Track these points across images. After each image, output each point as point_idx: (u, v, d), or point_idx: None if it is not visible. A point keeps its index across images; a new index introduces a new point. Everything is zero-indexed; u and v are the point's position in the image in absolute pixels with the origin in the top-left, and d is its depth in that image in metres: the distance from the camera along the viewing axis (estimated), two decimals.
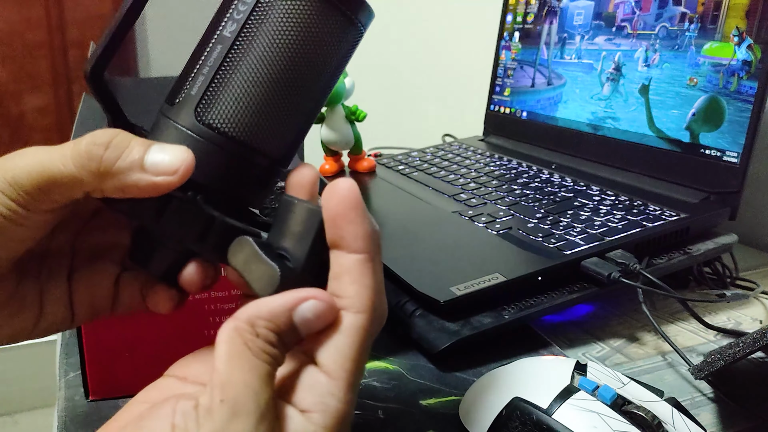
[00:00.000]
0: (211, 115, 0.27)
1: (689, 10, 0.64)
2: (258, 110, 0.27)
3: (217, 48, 0.27)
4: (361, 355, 0.25)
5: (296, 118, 0.28)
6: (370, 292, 0.25)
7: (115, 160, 0.25)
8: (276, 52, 0.27)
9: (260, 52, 0.27)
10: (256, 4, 0.26)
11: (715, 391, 0.42)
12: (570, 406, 0.32)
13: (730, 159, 0.59)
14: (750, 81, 0.57)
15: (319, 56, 0.27)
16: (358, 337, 0.25)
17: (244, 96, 0.27)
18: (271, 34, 0.26)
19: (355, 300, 0.25)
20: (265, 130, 0.27)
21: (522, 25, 0.86)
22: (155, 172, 0.25)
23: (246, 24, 0.27)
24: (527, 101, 0.85)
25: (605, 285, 0.48)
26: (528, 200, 0.63)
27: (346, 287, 0.25)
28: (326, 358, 0.24)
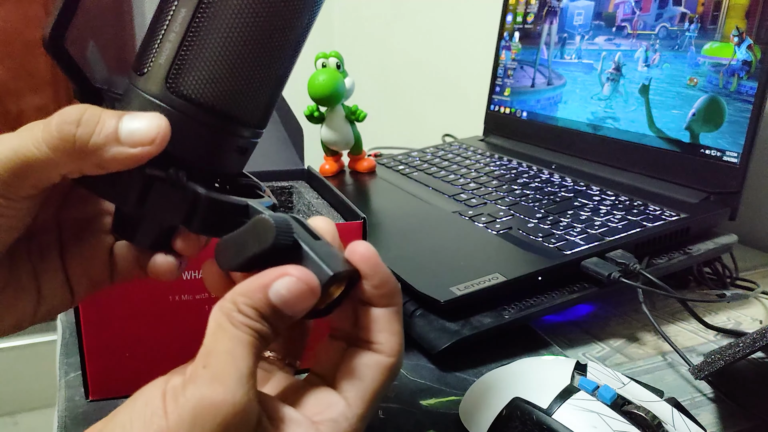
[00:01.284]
0: (183, 84, 0.25)
1: (689, 10, 0.64)
2: (231, 76, 0.26)
3: (181, 12, 0.25)
4: (380, 394, 0.26)
5: (269, 81, 0.27)
6: (399, 339, 0.27)
7: (89, 137, 0.24)
8: (244, 12, 0.25)
9: (228, 13, 0.25)
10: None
11: (715, 391, 0.42)
12: (570, 406, 0.32)
13: (730, 159, 0.59)
14: (750, 81, 0.57)
15: (288, 13, 0.26)
16: (384, 377, 0.26)
17: (215, 62, 0.25)
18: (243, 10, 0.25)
19: (386, 346, 0.26)
20: (240, 96, 0.26)
21: (522, 25, 0.86)
22: (132, 143, 0.24)
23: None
24: (527, 101, 0.85)
25: (605, 285, 0.48)
26: (528, 200, 0.63)
27: (377, 334, 0.27)
28: (350, 388, 0.26)
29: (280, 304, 0.24)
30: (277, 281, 0.24)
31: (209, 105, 0.26)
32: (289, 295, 0.24)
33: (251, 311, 0.24)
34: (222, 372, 0.23)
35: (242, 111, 0.27)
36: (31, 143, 0.24)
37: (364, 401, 0.26)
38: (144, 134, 0.24)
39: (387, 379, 0.26)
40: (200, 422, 0.22)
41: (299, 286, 0.24)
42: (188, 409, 0.22)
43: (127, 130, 0.24)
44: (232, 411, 0.22)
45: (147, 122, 0.24)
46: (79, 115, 0.24)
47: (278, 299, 0.24)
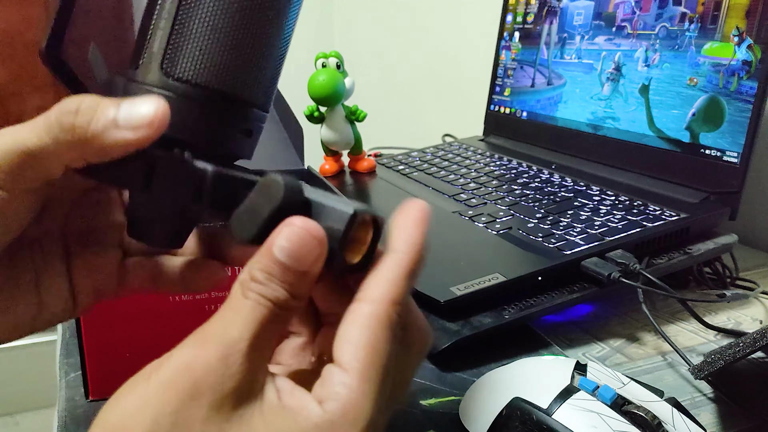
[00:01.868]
0: (178, 67, 0.25)
1: (689, 10, 0.64)
2: (224, 54, 0.25)
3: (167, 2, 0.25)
4: (373, 345, 0.23)
5: (266, 58, 0.27)
6: (385, 284, 0.24)
7: (88, 124, 0.24)
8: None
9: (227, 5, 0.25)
10: None
11: (715, 391, 0.42)
12: (570, 406, 0.32)
13: (730, 159, 0.59)
14: (750, 81, 0.57)
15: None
16: (369, 326, 0.23)
17: (207, 41, 0.25)
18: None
19: (367, 292, 0.24)
20: (236, 74, 0.26)
21: (522, 25, 0.86)
22: (130, 126, 0.24)
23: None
24: (527, 101, 0.85)
25: (605, 285, 0.48)
26: (528, 200, 0.63)
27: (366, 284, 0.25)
28: (338, 350, 0.24)
29: (286, 258, 0.23)
30: (277, 236, 0.23)
31: (206, 85, 0.25)
32: (290, 245, 0.23)
33: (261, 275, 0.23)
34: (209, 336, 0.23)
35: (241, 89, 0.26)
36: (32, 134, 0.24)
37: (357, 359, 0.23)
38: (142, 117, 0.24)
39: (374, 327, 0.23)
40: (177, 385, 0.22)
41: (299, 233, 0.23)
42: (168, 373, 0.22)
43: (125, 115, 0.24)
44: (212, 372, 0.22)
45: (144, 105, 0.24)
46: (78, 104, 0.24)
47: (282, 253, 0.23)
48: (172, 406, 0.22)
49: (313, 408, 0.23)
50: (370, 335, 0.23)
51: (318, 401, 0.23)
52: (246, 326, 0.23)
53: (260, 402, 0.23)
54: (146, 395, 0.22)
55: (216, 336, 0.23)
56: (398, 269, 0.25)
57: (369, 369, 0.23)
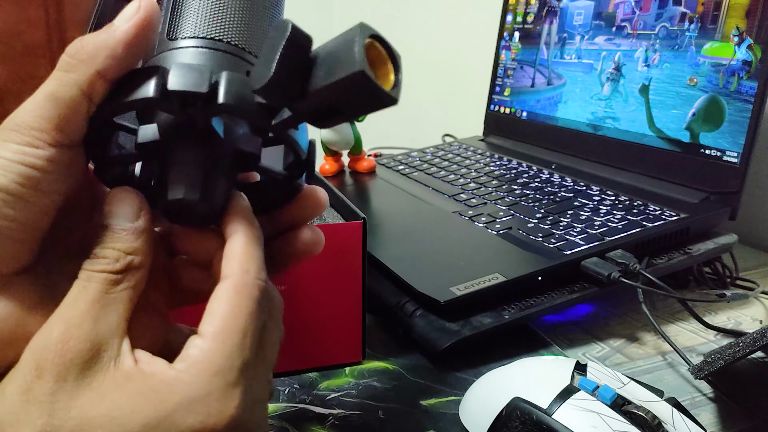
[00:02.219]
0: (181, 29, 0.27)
1: (689, 10, 0.64)
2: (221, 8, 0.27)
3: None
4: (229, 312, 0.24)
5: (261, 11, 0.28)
6: (234, 257, 0.26)
7: (92, 39, 0.25)
8: None
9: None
10: None
11: (715, 391, 0.42)
12: (570, 406, 0.32)
13: (730, 159, 0.59)
14: (750, 81, 0.57)
15: None
16: (225, 297, 0.25)
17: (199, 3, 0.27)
18: None
19: (224, 270, 0.25)
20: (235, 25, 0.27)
21: (522, 25, 0.86)
22: (125, 20, 0.25)
23: None
24: (527, 101, 0.85)
25: (605, 285, 0.48)
26: (528, 200, 0.63)
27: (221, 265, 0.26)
28: (203, 324, 0.25)
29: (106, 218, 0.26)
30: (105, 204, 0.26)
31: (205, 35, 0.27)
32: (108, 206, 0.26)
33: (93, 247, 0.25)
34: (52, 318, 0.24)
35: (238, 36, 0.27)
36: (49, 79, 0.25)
37: (213, 326, 0.24)
38: (131, 9, 0.25)
39: (233, 298, 0.24)
40: (23, 365, 0.23)
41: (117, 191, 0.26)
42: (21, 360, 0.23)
43: (118, 17, 0.25)
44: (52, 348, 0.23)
45: (130, 4, 0.25)
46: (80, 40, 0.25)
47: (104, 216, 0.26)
48: (21, 387, 0.23)
49: (165, 369, 0.24)
50: (226, 304, 0.24)
51: (171, 364, 0.24)
52: (83, 298, 0.24)
53: (113, 368, 0.24)
54: (3, 383, 0.24)
55: (58, 313, 0.24)
56: (241, 243, 0.26)
57: (222, 332, 0.24)
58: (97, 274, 0.25)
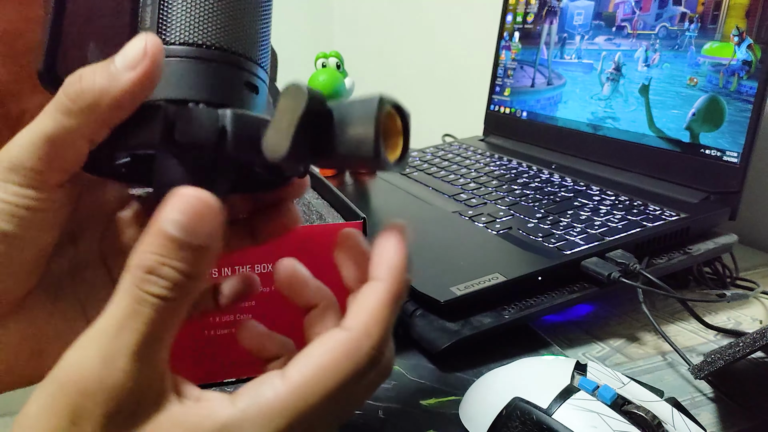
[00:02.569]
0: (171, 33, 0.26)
1: (689, 10, 0.64)
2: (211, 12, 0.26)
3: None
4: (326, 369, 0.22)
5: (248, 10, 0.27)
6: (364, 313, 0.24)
7: (93, 83, 0.23)
8: None
9: None
10: None
11: (715, 391, 0.42)
12: (570, 406, 0.32)
13: (730, 159, 0.59)
14: (750, 81, 0.57)
15: None
16: (333, 350, 0.23)
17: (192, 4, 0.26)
18: None
19: (347, 319, 0.24)
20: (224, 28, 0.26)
21: (522, 25, 0.86)
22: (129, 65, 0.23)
23: None
24: (527, 101, 0.85)
25: (605, 285, 0.48)
26: (528, 200, 0.63)
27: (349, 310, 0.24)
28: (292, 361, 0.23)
29: (177, 230, 0.21)
30: (165, 209, 0.21)
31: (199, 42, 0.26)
32: (183, 216, 0.21)
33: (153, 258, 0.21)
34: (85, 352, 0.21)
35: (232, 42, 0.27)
36: (47, 118, 0.23)
37: (302, 376, 0.22)
38: (136, 53, 0.23)
39: (339, 356, 0.22)
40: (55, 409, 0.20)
41: (191, 201, 0.21)
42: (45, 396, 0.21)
43: (121, 59, 0.23)
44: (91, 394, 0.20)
45: (134, 43, 0.23)
46: (78, 73, 0.24)
47: (175, 227, 0.21)
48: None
49: (222, 406, 0.22)
50: (332, 362, 0.22)
51: (232, 397, 0.22)
52: (132, 335, 0.21)
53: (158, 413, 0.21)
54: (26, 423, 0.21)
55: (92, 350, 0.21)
56: (380, 298, 0.24)
57: (305, 388, 0.22)
58: (153, 298, 0.21)
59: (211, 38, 0.26)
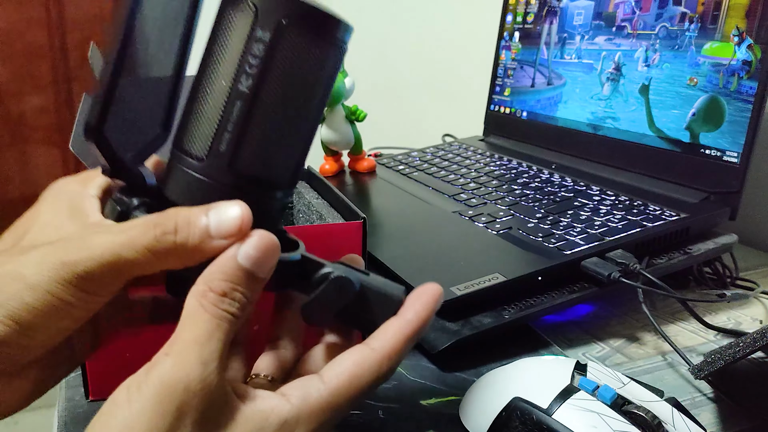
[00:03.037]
0: (241, 166, 0.28)
1: (689, 10, 0.64)
2: (277, 151, 0.29)
3: (236, 104, 0.27)
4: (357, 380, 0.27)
5: (304, 146, 0.30)
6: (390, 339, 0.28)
7: (186, 240, 0.26)
8: (288, 95, 0.28)
9: (274, 99, 0.28)
10: (265, 56, 0.27)
11: (715, 391, 0.42)
12: (570, 406, 0.32)
13: (730, 159, 0.59)
14: (750, 81, 0.57)
15: (321, 85, 0.29)
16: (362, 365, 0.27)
17: (267, 143, 0.28)
18: (281, 80, 0.28)
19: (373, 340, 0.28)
20: (283, 165, 0.29)
21: (522, 25, 0.86)
22: (223, 235, 0.26)
23: (260, 76, 0.27)
24: (527, 101, 0.85)
25: (605, 285, 0.48)
26: (528, 200, 0.63)
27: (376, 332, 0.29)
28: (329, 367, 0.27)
29: (252, 265, 0.26)
30: (242, 246, 0.26)
31: (260, 178, 0.29)
32: (257, 252, 0.26)
33: (225, 285, 0.25)
34: (184, 358, 0.24)
35: (282, 178, 0.29)
36: (132, 248, 0.26)
37: (339, 380, 0.27)
38: (231, 226, 0.26)
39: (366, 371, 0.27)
40: (162, 408, 0.23)
41: (266, 242, 0.26)
42: (149, 396, 0.23)
43: (216, 225, 0.26)
44: (194, 393, 0.24)
45: (232, 214, 0.26)
46: (174, 222, 0.26)
47: (249, 261, 0.26)
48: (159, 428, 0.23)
49: (281, 403, 0.26)
50: (359, 373, 0.27)
51: (283, 395, 0.26)
52: (217, 343, 0.25)
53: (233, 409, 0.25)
54: (130, 421, 0.23)
55: (192, 356, 0.24)
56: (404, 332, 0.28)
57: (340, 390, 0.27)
58: (228, 315, 0.26)
59: (266, 173, 0.29)
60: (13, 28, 1.80)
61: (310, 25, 0.28)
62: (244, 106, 0.27)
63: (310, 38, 0.28)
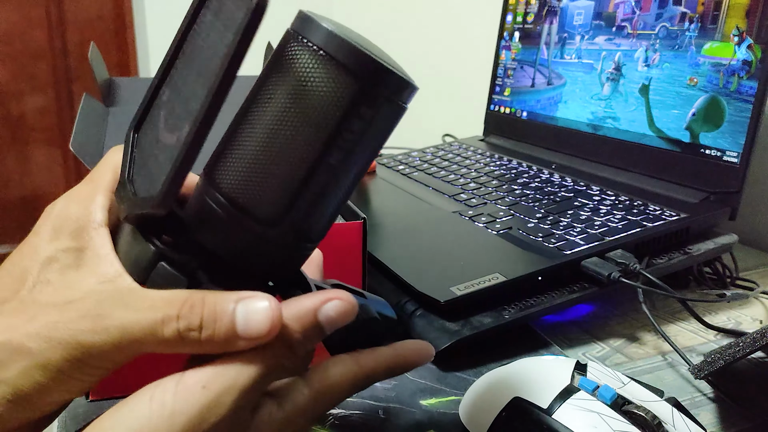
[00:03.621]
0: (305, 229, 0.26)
1: (689, 9, 0.64)
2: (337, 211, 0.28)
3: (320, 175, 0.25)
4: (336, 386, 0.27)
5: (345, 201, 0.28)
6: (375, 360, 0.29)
7: (211, 339, 0.24)
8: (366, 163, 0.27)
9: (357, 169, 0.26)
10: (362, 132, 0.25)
11: (715, 391, 0.42)
12: (570, 406, 0.32)
13: (730, 159, 0.59)
14: (750, 81, 0.57)
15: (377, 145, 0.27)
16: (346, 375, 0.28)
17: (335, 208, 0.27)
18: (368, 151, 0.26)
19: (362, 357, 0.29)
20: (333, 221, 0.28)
21: (522, 25, 0.86)
22: (250, 337, 0.25)
23: (351, 151, 0.25)
24: (527, 101, 0.85)
25: (605, 285, 0.48)
26: (528, 200, 0.63)
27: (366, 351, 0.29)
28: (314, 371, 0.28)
29: (328, 325, 0.26)
30: (327, 305, 0.26)
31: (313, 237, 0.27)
32: (338, 317, 0.26)
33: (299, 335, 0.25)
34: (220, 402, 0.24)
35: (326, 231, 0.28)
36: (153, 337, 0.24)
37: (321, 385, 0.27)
38: (261, 329, 0.24)
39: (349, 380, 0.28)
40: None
41: (348, 308, 0.26)
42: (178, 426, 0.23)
43: (244, 325, 0.24)
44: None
45: (262, 314, 0.24)
46: (200, 319, 0.24)
47: (328, 322, 0.26)
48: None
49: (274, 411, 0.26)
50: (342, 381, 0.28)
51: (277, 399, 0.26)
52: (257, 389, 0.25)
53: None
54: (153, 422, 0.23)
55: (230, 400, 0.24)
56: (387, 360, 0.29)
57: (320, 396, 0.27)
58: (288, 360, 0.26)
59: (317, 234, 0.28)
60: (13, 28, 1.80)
61: (403, 98, 0.27)
62: (329, 177, 0.25)
63: (399, 108, 0.27)
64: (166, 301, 0.24)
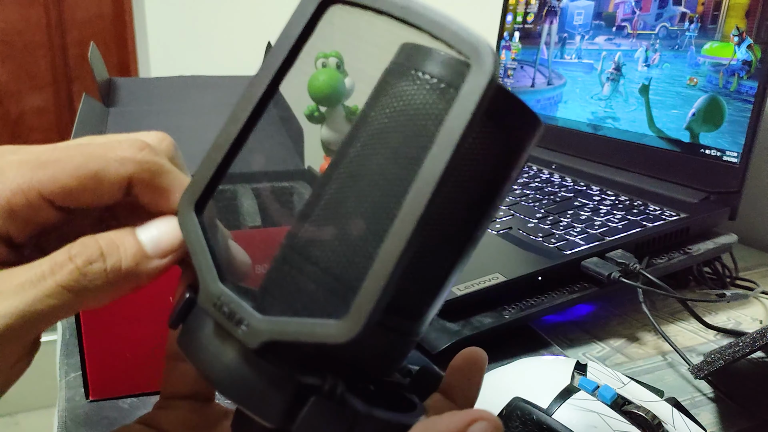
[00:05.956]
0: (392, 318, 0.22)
1: (689, 10, 0.64)
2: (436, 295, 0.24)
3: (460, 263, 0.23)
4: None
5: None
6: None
7: (120, 264, 0.21)
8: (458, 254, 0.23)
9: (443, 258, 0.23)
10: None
11: (715, 391, 0.42)
12: (570, 406, 0.32)
13: (730, 159, 0.59)
14: (750, 81, 0.57)
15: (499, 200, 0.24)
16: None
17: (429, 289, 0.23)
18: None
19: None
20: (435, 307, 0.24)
21: (522, 25, 0.86)
22: (161, 253, 0.22)
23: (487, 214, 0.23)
24: (527, 101, 0.84)
25: (605, 285, 0.48)
26: (528, 200, 0.63)
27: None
28: None
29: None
30: (474, 425, 0.23)
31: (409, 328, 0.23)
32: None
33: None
34: None
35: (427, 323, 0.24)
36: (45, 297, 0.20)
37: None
38: (172, 240, 0.22)
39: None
40: None
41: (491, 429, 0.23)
42: None
43: (152, 242, 0.22)
44: None
45: (167, 226, 0.22)
46: (98, 248, 0.21)
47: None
48: None
49: None
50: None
51: None
52: None
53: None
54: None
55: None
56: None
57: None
58: None
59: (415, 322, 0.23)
60: (13, 28, 1.80)
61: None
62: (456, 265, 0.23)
63: None
64: (48, 257, 0.21)
